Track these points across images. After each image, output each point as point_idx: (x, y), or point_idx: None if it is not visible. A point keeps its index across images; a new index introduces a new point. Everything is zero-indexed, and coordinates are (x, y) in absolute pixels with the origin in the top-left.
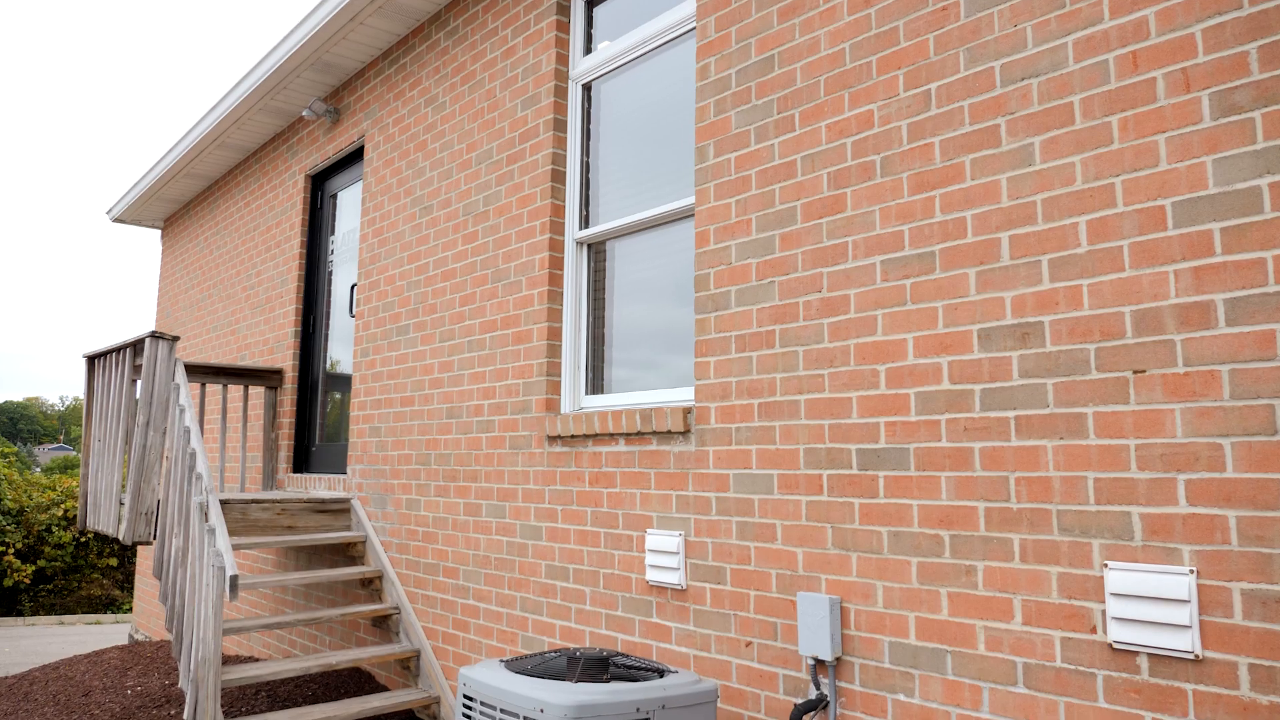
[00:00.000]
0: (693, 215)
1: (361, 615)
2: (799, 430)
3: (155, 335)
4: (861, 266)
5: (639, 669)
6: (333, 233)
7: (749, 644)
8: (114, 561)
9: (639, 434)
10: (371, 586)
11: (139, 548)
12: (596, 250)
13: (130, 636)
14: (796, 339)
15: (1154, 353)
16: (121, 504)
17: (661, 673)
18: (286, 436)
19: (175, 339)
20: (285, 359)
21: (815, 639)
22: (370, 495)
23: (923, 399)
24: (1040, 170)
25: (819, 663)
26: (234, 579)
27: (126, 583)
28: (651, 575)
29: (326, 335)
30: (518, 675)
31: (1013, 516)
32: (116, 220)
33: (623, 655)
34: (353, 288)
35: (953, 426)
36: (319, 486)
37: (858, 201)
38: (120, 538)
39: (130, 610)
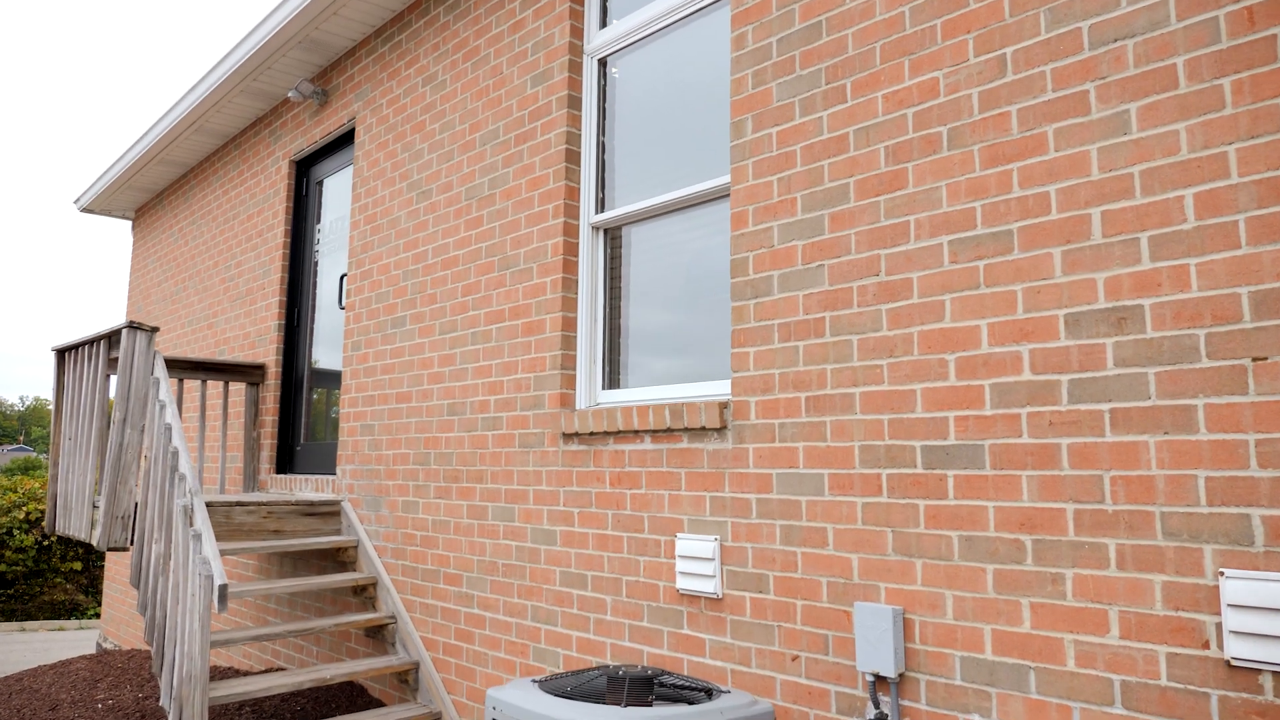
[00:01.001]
0: (726, 196)
1: (355, 625)
2: (853, 426)
3: (133, 326)
4: (926, 247)
5: (686, 688)
6: (318, 221)
7: (795, 658)
8: (78, 566)
9: (668, 431)
10: (364, 594)
11: (108, 552)
12: (613, 236)
13: (98, 645)
14: (850, 326)
15: (1277, 338)
16: (95, 507)
17: (710, 692)
18: (269, 435)
19: (154, 330)
20: (268, 353)
21: (876, 653)
22: (362, 497)
23: (1000, 391)
24: (1138, 140)
25: (879, 679)
26: (223, 589)
27: (92, 587)
28: (682, 583)
29: (312, 329)
30: (556, 698)
31: (1108, 519)
32: (85, 210)
33: (667, 673)
34: (342, 278)
35: (1036, 421)
36: (305, 488)
37: (921, 177)
38: (94, 544)
39: (96, 616)
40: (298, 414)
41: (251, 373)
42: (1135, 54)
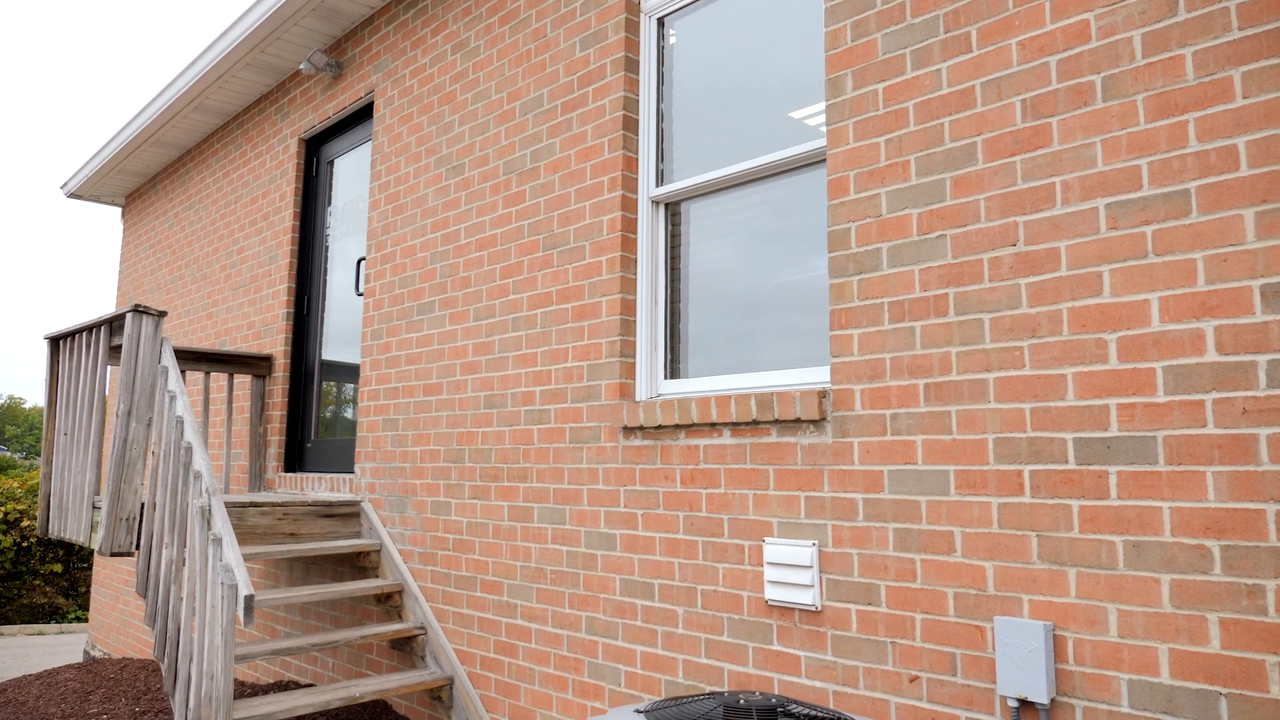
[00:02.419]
0: (809, 165)
1: (383, 637)
2: (986, 416)
3: (139, 310)
4: (1077, 213)
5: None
6: (329, 203)
7: (914, 679)
8: (58, 568)
9: (753, 423)
10: (389, 603)
11: (112, 557)
12: (672, 212)
13: (85, 653)
14: (980, 304)
15: None
16: (96, 508)
17: None
18: (277, 431)
19: (162, 314)
20: (275, 344)
21: (1022, 675)
22: (385, 497)
23: (1176, 375)
24: None
25: (1025, 705)
26: (249, 600)
27: (72, 590)
28: (772, 593)
29: (322, 318)
30: None
31: None
32: (72, 196)
33: (794, 701)
34: (359, 262)
35: (1224, 409)
36: (319, 487)
37: (1069, 133)
38: (96, 548)
39: (77, 620)
40: (308, 408)
41: (258, 364)
42: None
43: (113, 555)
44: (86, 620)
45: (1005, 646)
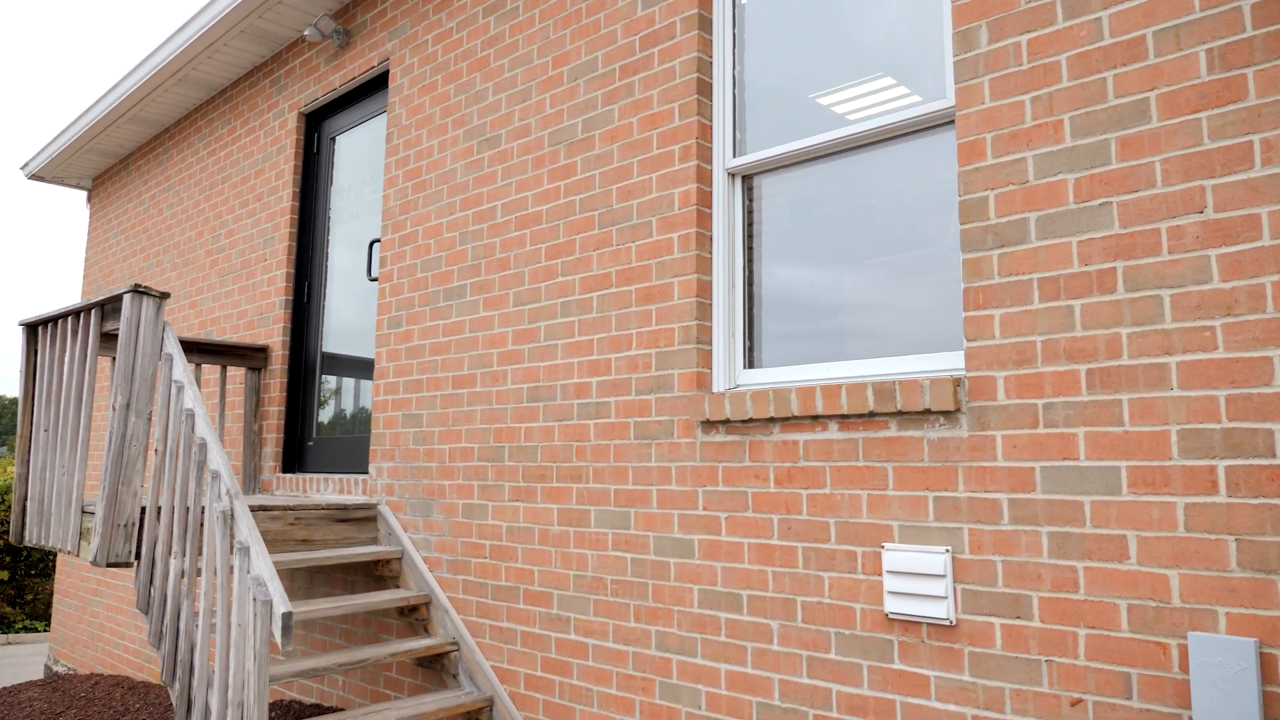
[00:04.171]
0: (920, 130)
1: (413, 654)
2: (1167, 405)
3: (139, 291)
4: None
5: None
6: (331, 183)
7: (1077, 702)
8: (4, 575)
9: (867, 416)
10: (414, 615)
11: (59, 557)
12: (748, 185)
13: (47, 668)
14: (1158, 279)
15: None
16: (87, 513)
17: None
18: (274, 429)
19: (164, 296)
20: (272, 334)
21: (1227, 701)
22: (406, 500)
23: None
24: None
25: None
26: (287, 617)
27: (19, 598)
28: (893, 605)
29: (323, 306)
30: None
31: None
32: (33, 178)
33: None
34: (372, 244)
35: None
36: (326, 489)
37: (1267, 86)
38: (88, 558)
39: (25, 629)
40: (309, 404)
41: (253, 356)
42: None
43: (109, 565)
44: (36, 630)
45: (1204, 666)
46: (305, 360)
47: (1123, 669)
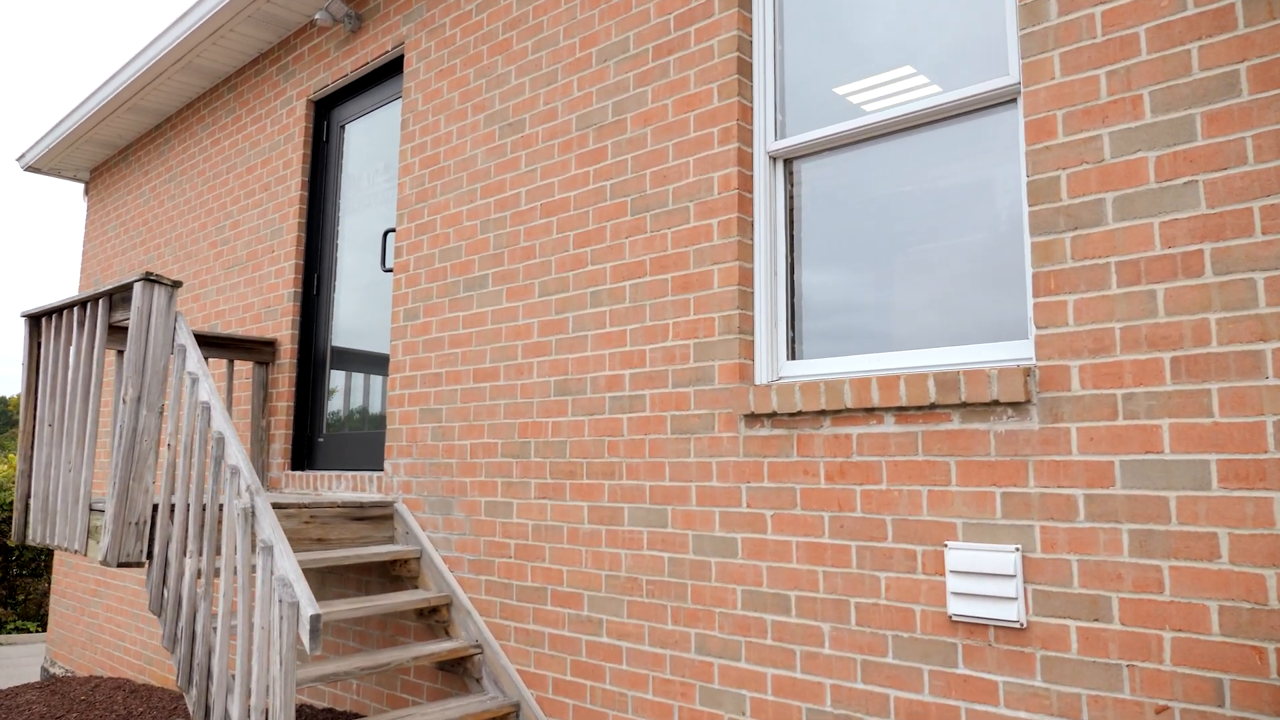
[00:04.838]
0: (983, 108)
1: (437, 657)
2: (1262, 394)
3: (150, 279)
4: None
5: None
6: (341, 172)
7: (1162, 709)
8: None
9: (928, 408)
10: (434, 617)
11: (56, 556)
12: (790, 169)
13: (44, 670)
14: (1250, 261)
15: None
16: (96, 510)
17: None
18: (283, 424)
19: (176, 285)
20: (280, 328)
21: None
22: (424, 498)
23: None
24: None
25: None
26: (315, 620)
27: (10, 598)
28: (956, 607)
29: (333, 299)
30: None
31: None
32: (30, 169)
33: None
34: (387, 234)
35: None
36: (339, 486)
37: None
38: (98, 559)
39: (16, 630)
40: (318, 399)
41: (260, 350)
42: None
43: (120, 566)
44: (29, 630)
45: None
46: (315, 354)
47: (1214, 674)
